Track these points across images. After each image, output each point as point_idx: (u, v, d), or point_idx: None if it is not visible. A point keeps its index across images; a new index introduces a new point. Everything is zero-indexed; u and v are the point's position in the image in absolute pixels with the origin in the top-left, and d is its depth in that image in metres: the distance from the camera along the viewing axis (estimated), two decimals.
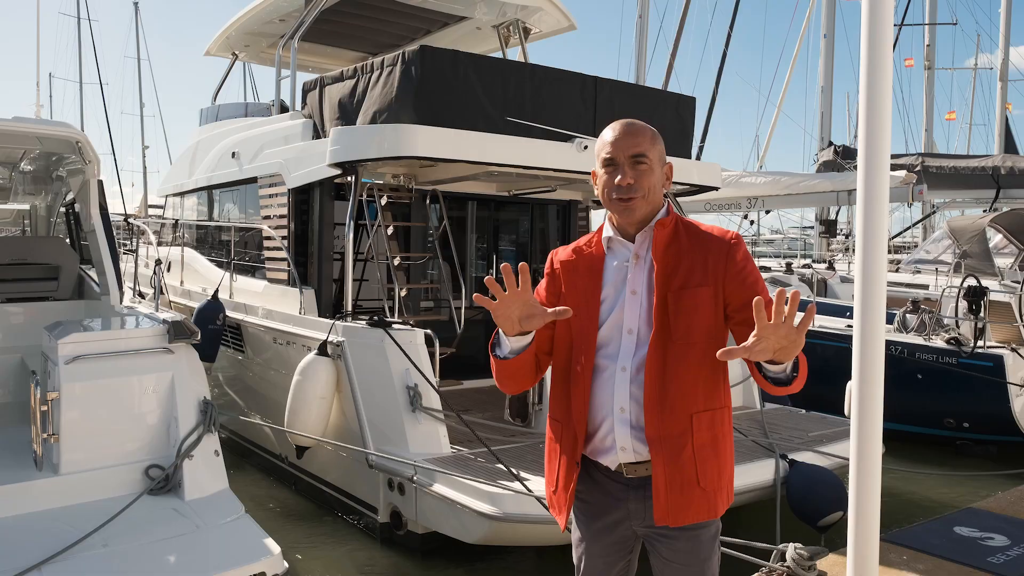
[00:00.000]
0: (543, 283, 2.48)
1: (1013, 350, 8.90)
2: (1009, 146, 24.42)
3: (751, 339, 1.98)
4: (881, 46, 2.24)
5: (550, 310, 2.18)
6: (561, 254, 2.46)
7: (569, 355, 2.36)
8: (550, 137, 6.88)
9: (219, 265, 9.57)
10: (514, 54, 10.19)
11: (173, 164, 12.31)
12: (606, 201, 2.34)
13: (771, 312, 1.96)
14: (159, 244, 11.67)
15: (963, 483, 8.08)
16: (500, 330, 2.27)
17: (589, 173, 6.96)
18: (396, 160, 6.68)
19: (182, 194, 11.20)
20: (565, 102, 7.16)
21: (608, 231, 2.39)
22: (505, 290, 2.16)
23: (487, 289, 2.48)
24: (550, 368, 2.48)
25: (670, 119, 7.78)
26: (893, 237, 21.38)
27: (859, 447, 2.30)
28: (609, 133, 2.33)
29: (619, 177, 2.28)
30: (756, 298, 1.97)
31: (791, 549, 4.24)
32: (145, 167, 42.27)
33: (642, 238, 2.33)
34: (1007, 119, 26.13)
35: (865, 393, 2.27)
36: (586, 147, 6.87)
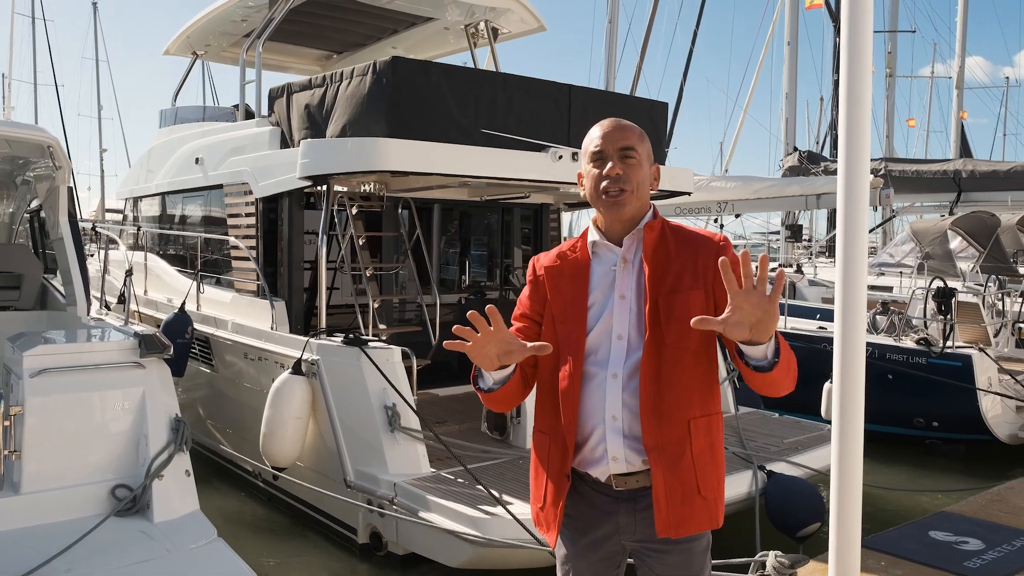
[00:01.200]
0: (526, 291, 2.43)
1: (981, 350, 9.03)
2: (964, 152, 25.03)
3: (726, 311, 1.96)
4: (860, 55, 2.24)
5: (529, 345, 2.14)
6: (544, 260, 2.41)
7: (555, 364, 2.29)
8: (524, 147, 6.82)
9: (183, 273, 9.39)
10: (483, 54, 10.13)
11: (132, 166, 12.05)
12: (594, 198, 2.29)
13: (740, 275, 1.94)
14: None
15: (934, 485, 8.17)
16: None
17: (563, 183, 7.05)
18: (368, 173, 6.59)
19: (142, 198, 10.97)
20: (538, 111, 7.10)
21: (593, 235, 2.33)
22: (479, 332, 2.10)
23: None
24: None
25: (643, 125, 7.73)
26: None
27: (840, 456, 2.28)
28: (597, 129, 2.31)
29: (608, 166, 2.24)
30: (722, 259, 1.95)
31: (771, 557, 4.23)
32: (103, 171, 41.61)
33: (629, 241, 2.28)
34: (962, 126, 26.79)
35: (846, 400, 2.26)
36: (560, 157, 6.83)
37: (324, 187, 7.01)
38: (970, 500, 5.63)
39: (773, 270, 1.94)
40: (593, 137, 2.31)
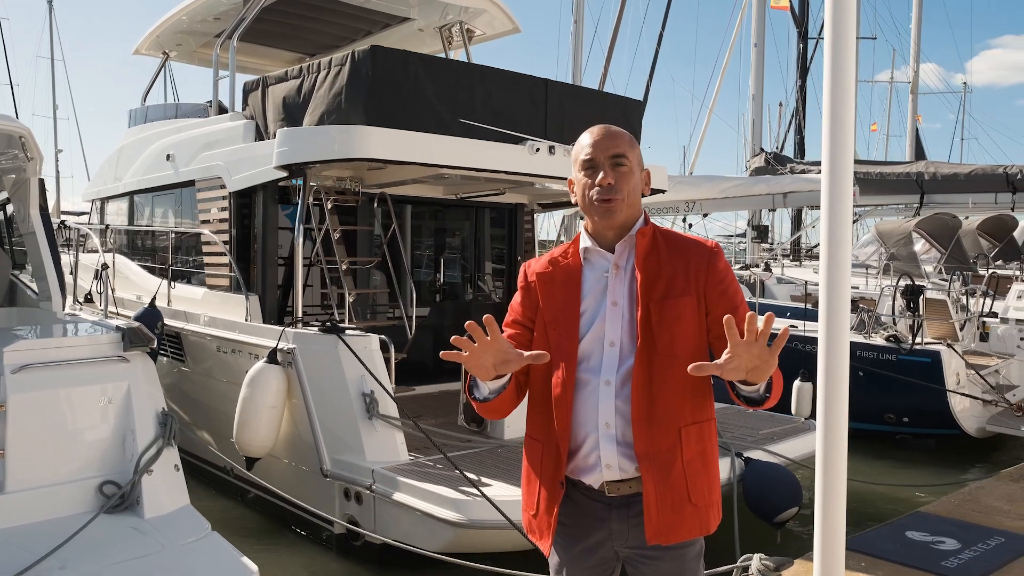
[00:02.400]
0: (518, 297, 2.40)
1: (948, 346, 9.21)
2: (920, 156, 25.56)
3: (724, 356, 1.97)
4: (844, 59, 2.27)
5: (526, 354, 2.11)
6: (535, 266, 2.39)
7: (548, 370, 2.27)
8: (501, 139, 6.83)
9: (153, 272, 9.24)
10: (457, 56, 10.10)
11: (100, 167, 11.83)
12: (585, 205, 2.28)
13: (743, 329, 1.95)
14: (89, 251, 11.20)
15: (906, 480, 8.31)
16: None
17: (540, 176, 7.06)
18: (346, 162, 6.53)
19: (111, 198, 10.78)
20: (516, 104, 7.12)
21: (585, 241, 2.32)
22: (476, 342, 2.08)
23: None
24: None
25: (618, 122, 7.79)
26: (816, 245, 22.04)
27: (825, 459, 2.31)
28: (587, 137, 2.29)
29: (600, 176, 2.23)
30: (726, 316, 1.95)
31: (756, 560, 4.19)
32: (58, 171, 40.86)
33: (622, 248, 2.28)
34: (917, 130, 27.42)
35: (830, 405, 2.28)
36: (537, 149, 6.86)
37: (300, 179, 6.94)
38: (943, 500, 5.75)
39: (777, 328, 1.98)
40: (583, 145, 2.29)
